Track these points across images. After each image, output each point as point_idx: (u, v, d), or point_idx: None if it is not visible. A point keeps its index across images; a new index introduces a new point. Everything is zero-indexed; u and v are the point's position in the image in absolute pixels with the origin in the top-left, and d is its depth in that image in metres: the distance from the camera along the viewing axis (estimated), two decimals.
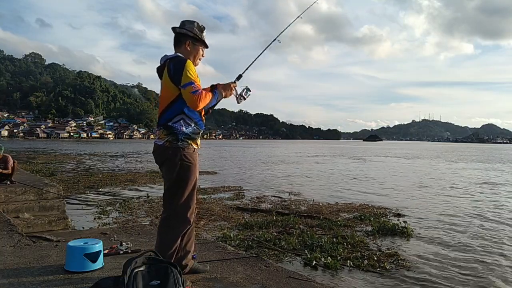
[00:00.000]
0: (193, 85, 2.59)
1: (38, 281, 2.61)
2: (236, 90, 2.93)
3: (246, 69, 3.08)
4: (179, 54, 2.76)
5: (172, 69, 2.65)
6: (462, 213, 9.93)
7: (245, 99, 3.00)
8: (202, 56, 2.91)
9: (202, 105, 2.64)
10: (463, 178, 19.93)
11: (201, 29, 2.85)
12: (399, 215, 9.26)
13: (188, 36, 2.80)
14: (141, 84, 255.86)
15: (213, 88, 2.83)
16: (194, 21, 2.83)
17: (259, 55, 3.24)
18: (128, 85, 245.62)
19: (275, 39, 3.27)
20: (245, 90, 2.99)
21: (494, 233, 7.84)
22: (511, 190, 15.39)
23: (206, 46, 2.93)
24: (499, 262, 5.95)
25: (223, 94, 2.85)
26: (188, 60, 2.69)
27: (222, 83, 2.90)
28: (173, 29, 2.85)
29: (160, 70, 2.79)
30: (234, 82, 2.95)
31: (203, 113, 2.85)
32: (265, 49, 3.27)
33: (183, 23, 2.83)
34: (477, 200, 12.48)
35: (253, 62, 3.17)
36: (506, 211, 10.38)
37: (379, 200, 11.75)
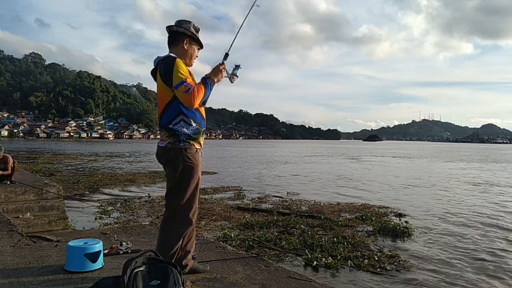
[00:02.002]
0: (184, 84, 2.55)
1: (38, 281, 2.61)
2: (226, 71, 2.84)
3: (231, 45, 2.92)
4: (171, 54, 2.73)
5: (163, 70, 2.63)
6: (463, 213, 9.91)
7: (237, 76, 2.86)
8: (197, 56, 2.90)
9: (197, 101, 2.60)
10: (464, 178, 19.93)
11: (197, 29, 2.84)
12: (400, 215, 9.26)
13: (186, 35, 2.77)
14: (141, 84, 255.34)
15: (205, 79, 2.75)
16: (190, 21, 2.81)
17: (242, 24, 3.03)
18: (128, 85, 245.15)
19: (254, 3, 3.07)
20: (235, 67, 2.86)
21: (496, 234, 7.83)
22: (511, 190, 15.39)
23: (202, 47, 2.91)
24: (501, 263, 5.94)
25: (215, 80, 2.76)
26: (177, 59, 2.64)
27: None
28: (169, 27, 2.80)
29: (154, 73, 2.76)
30: (222, 63, 2.82)
31: (203, 111, 2.82)
32: (246, 16, 3.09)
33: (179, 22, 2.80)
34: (478, 200, 12.47)
35: (236, 34, 2.98)
36: (507, 211, 10.37)
37: (380, 200, 11.74)
